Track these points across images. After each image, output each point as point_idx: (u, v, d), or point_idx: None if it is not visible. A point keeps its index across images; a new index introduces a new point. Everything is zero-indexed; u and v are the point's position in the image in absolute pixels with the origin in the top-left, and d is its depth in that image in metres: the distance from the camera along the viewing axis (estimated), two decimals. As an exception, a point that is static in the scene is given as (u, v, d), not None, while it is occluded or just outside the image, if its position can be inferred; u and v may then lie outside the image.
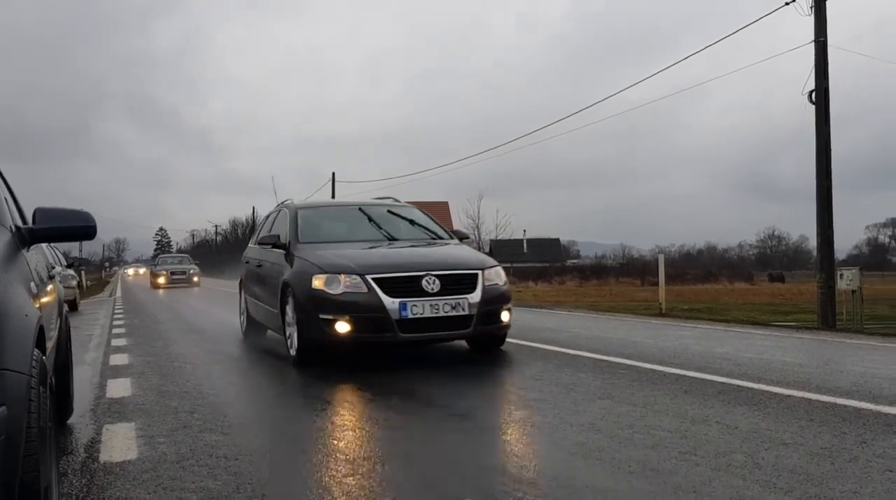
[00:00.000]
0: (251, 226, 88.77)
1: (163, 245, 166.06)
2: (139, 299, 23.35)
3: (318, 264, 6.59)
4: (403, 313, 6.11)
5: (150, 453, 3.83)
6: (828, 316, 14.03)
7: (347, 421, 4.40)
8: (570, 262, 70.34)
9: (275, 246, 7.65)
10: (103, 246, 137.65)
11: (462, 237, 8.05)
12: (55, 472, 2.56)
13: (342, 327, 6.20)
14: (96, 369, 7.13)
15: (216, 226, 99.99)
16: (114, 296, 27.52)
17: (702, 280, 55.13)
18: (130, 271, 67.91)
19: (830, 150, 14.07)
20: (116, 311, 16.83)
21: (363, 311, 6.18)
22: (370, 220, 7.88)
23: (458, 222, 72.12)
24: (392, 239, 7.47)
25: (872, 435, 3.75)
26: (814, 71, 13.84)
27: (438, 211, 67.37)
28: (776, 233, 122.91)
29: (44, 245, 17.22)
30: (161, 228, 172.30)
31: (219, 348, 8.44)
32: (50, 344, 3.29)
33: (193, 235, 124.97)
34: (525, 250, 70.95)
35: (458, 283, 6.38)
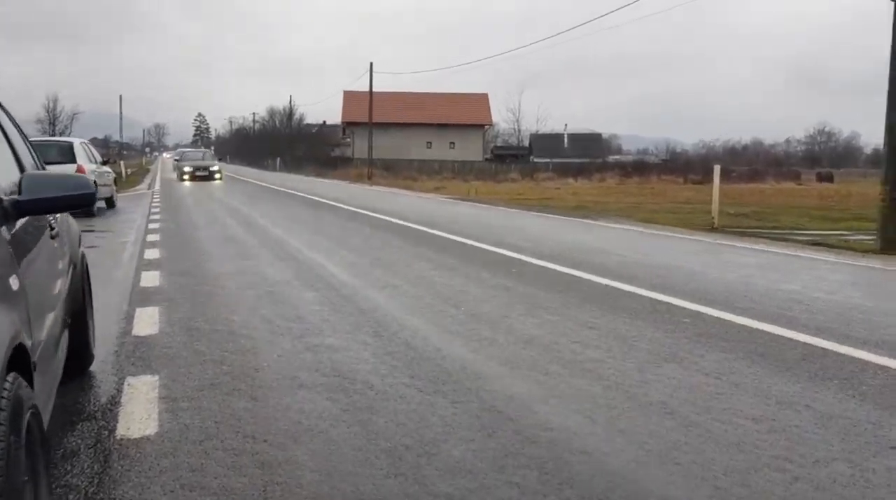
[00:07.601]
0: (289, 114, 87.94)
1: (201, 131, 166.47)
2: (177, 194, 23.21)
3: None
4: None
5: (172, 425, 3.47)
6: (888, 231, 13.31)
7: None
8: (611, 158, 68.64)
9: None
10: (143, 131, 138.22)
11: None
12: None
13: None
14: (125, 291, 6.83)
15: (254, 114, 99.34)
16: (152, 189, 27.49)
17: (747, 179, 53.39)
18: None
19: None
20: (153, 210, 16.65)
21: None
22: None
23: (497, 115, 70.50)
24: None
25: None
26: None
27: (477, 103, 65.70)
28: (826, 129, 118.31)
29: (77, 141, 16.36)
30: (199, 114, 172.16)
31: (250, 266, 8.11)
32: (49, 320, 2.86)
33: (231, 121, 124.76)
34: (566, 145, 69.26)
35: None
